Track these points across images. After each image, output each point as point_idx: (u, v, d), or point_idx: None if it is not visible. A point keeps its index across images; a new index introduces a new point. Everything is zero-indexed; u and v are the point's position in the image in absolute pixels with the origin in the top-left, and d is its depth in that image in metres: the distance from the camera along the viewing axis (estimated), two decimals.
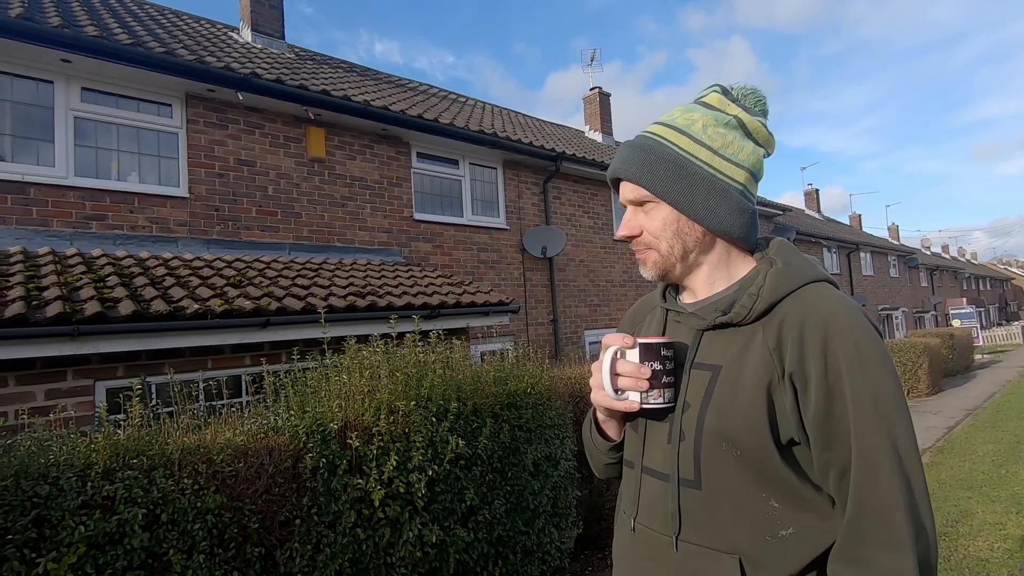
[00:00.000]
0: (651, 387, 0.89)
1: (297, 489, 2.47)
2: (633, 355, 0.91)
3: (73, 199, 4.88)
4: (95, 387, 3.70)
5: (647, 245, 0.98)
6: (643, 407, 0.90)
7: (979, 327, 22.03)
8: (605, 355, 0.93)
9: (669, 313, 1.03)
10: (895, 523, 0.77)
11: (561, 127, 13.59)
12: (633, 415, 0.99)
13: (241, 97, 5.67)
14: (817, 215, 24.49)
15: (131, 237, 5.09)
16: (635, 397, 0.90)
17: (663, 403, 0.90)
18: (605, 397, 0.93)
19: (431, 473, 2.79)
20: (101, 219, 4.99)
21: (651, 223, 0.97)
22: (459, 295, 5.52)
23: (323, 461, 2.53)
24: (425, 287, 5.58)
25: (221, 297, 4.06)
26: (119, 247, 4.98)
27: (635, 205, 0.99)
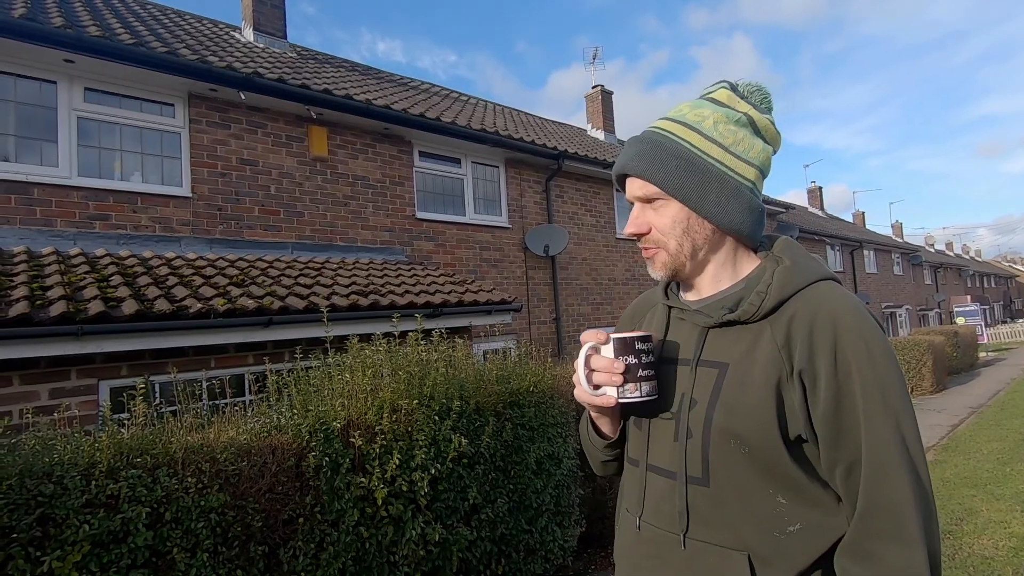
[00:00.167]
0: (625, 381, 0.89)
1: (300, 488, 2.48)
2: (608, 350, 0.91)
3: (76, 199, 4.89)
4: (99, 386, 3.71)
5: (655, 243, 0.96)
6: (619, 401, 0.90)
7: (983, 325, 21.96)
8: (580, 352, 0.93)
9: (672, 311, 1.02)
10: (905, 518, 0.77)
11: (563, 125, 13.58)
12: (634, 411, 1.00)
13: (243, 97, 5.68)
14: (820, 213, 24.42)
15: (134, 237, 5.11)
16: (611, 392, 0.90)
17: (639, 397, 0.89)
18: (584, 393, 0.94)
19: (434, 472, 2.79)
20: (104, 219, 5.00)
21: (660, 220, 0.95)
22: (461, 294, 5.52)
23: (326, 460, 2.53)
24: (427, 286, 5.58)
25: (224, 296, 4.07)
26: (122, 247, 4.99)
27: (643, 202, 0.97)
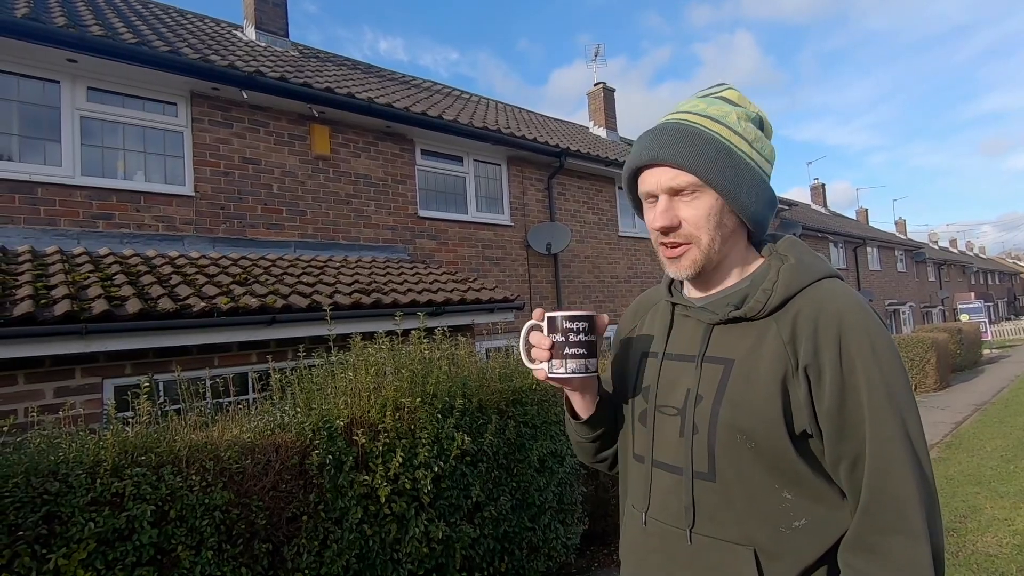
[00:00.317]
0: (552, 357, 0.93)
1: (304, 486, 2.48)
2: (542, 328, 0.96)
3: (80, 198, 4.91)
4: (103, 385, 3.73)
5: (687, 238, 0.91)
6: (548, 375, 0.94)
7: (987, 322, 21.88)
8: (523, 328, 0.99)
9: (676, 307, 1.02)
10: (909, 512, 0.77)
11: (565, 123, 13.56)
12: (629, 404, 1.03)
13: (245, 95, 5.68)
14: (823, 210, 24.35)
15: (137, 236, 5.12)
16: (543, 366, 0.95)
17: (564, 373, 0.93)
18: (527, 364, 0.99)
19: (437, 469, 2.79)
20: (108, 218, 5.02)
21: (693, 213, 0.90)
22: (464, 292, 5.52)
23: (329, 458, 2.54)
24: (430, 284, 5.59)
25: (227, 295, 4.08)
26: (126, 246, 5.01)
27: (671, 194, 0.91)
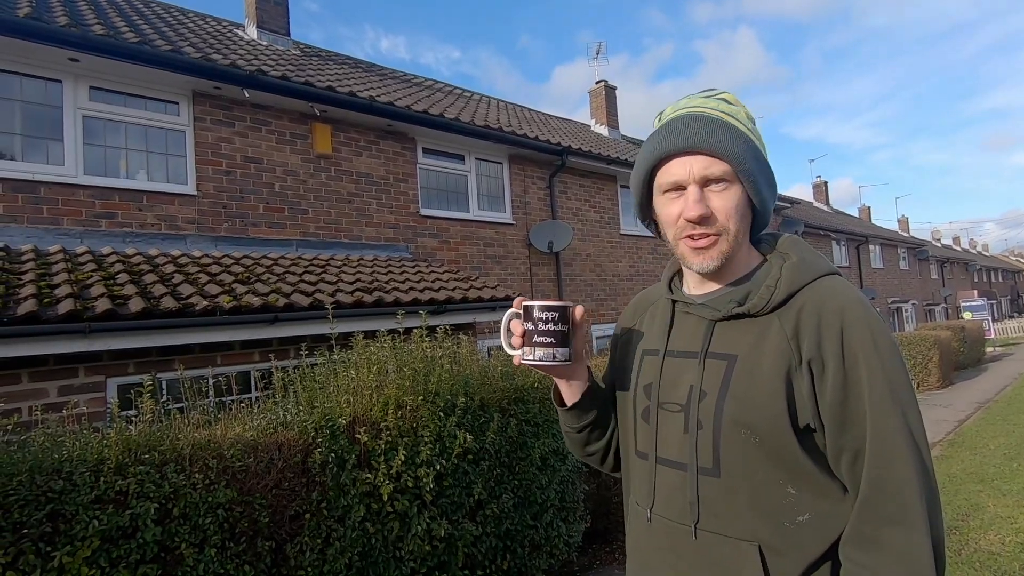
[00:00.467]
0: (523, 344, 0.97)
1: (307, 484, 2.49)
2: (519, 316, 1.00)
3: (83, 197, 4.92)
4: (106, 383, 3.74)
5: (719, 230, 0.90)
6: (522, 361, 0.98)
7: (991, 319, 21.84)
8: (504, 316, 1.02)
9: (677, 304, 1.03)
10: (910, 503, 0.78)
11: (567, 121, 13.54)
12: (630, 401, 1.04)
13: (247, 94, 5.69)
14: (826, 208, 24.29)
15: (140, 235, 5.13)
16: (516, 352, 0.99)
17: (532, 360, 0.96)
18: (507, 349, 1.02)
19: (439, 468, 2.80)
20: (110, 217, 5.03)
21: (724, 204, 0.89)
22: (466, 290, 5.52)
23: (332, 456, 2.55)
24: (432, 283, 5.59)
25: (230, 294, 4.09)
26: (128, 245, 5.02)
27: (702, 184, 0.89)
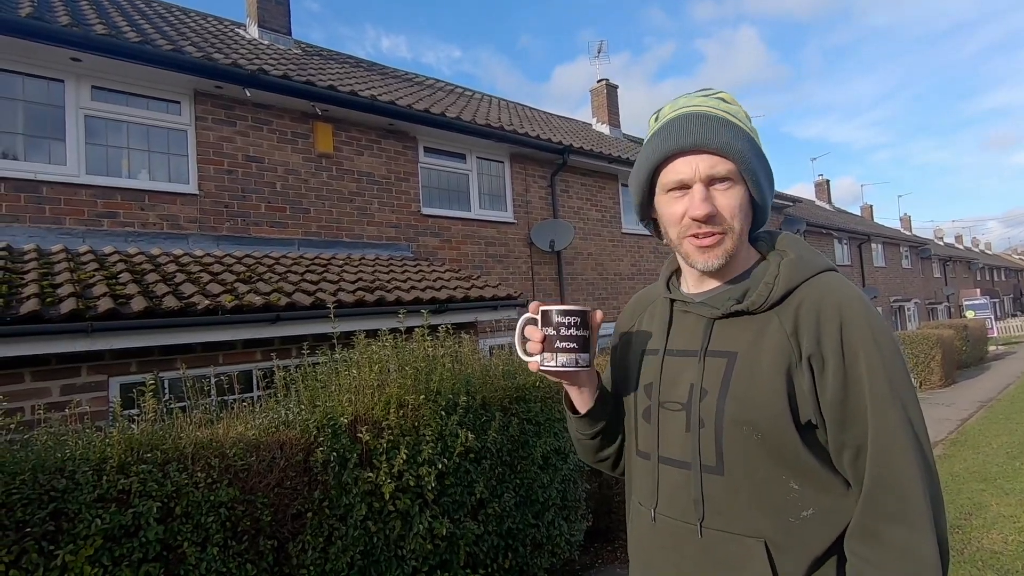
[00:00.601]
0: (543, 350, 0.95)
1: (308, 483, 2.49)
2: (536, 322, 0.98)
3: (85, 197, 4.92)
4: (109, 383, 3.75)
5: (724, 228, 0.90)
6: (541, 368, 0.96)
7: (993, 318, 21.80)
8: (519, 321, 1.00)
9: (675, 303, 1.02)
10: (912, 498, 0.78)
11: (568, 120, 13.53)
12: (631, 402, 1.04)
13: (249, 94, 5.69)
14: (828, 206, 24.24)
15: (142, 234, 5.14)
16: (536, 359, 0.97)
17: (554, 366, 0.94)
18: (522, 356, 1.00)
19: (441, 466, 2.80)
20: (112, 216, 5.04)
21: (729, 203, 0.90)
22: (467, 289, 5.52)
23: (334, 455, 2.55)
24: (433, 282, 5.59)
25: (232, 293, 4.09)
26: (130, 244, 5.03)
27: (707, 184, 0.90)
